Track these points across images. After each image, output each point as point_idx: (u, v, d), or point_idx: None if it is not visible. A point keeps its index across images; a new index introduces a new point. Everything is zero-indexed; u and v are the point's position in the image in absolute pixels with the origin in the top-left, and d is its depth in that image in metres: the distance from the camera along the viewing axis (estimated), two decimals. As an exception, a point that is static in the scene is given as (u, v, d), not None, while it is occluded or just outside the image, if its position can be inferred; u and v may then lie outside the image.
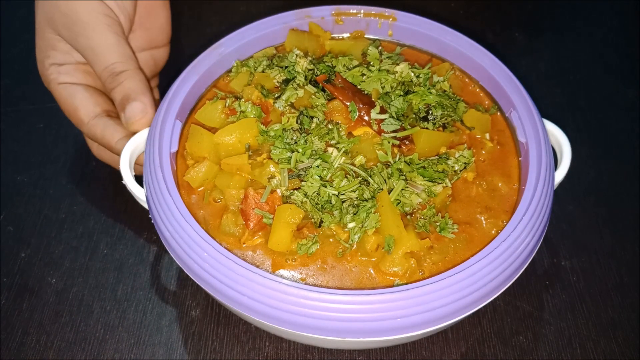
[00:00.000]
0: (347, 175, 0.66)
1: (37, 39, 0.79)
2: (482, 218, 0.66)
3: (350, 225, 0.62)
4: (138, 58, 0.80)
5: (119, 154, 0.71)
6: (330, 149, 0.67)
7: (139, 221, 0.83)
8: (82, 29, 0.74)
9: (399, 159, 0.67)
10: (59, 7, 0.75)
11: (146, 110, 0.73)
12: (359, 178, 0.65)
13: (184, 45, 0.95)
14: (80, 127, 0.78)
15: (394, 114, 0.70)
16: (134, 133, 0.73)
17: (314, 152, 0.66)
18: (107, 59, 0.74)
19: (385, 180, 0.65)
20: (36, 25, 0.79)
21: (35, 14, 0.79)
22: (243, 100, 0.71)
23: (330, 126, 0.69)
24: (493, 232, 0.65)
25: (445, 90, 0.74)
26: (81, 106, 0.76)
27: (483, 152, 0.72)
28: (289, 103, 0.72)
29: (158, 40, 0.86)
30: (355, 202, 0.63)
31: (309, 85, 0.73)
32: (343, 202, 0.64)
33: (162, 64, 0.89)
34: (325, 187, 0.64)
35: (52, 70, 0.77)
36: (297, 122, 0.69)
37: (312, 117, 0.69)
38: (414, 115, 0.71)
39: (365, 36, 0.84)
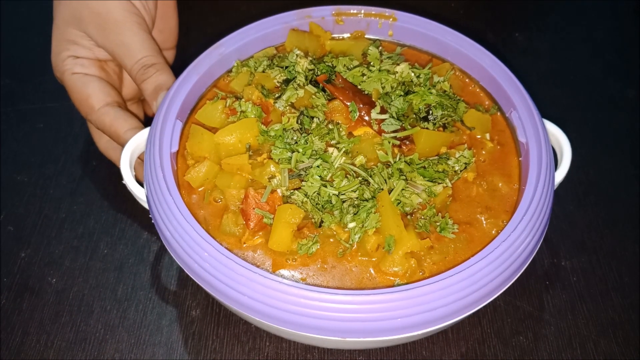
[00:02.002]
0: (348, 175, 0.66)
1: (55, 34, 0.81)
2: (483, 218, 0.66)
3: (351, 225, 0.62)
4: None
5: (124, 145, 0.72)
6: (330, 149, 0.67)
7: (139, 221, 0.83)
8: (114, 26, 0.77)
9: (400, 159, 0.67)
10: (89, 6, 0.78)
11: None
12: (360, 178, 0.65)
13: (185, 45, 0.95)
14: (89, 115, 0.79)
15: (394, 114, 0.70)
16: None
17: (314, 152, 0.66)
18: (139, 53, 0.77)
19: (385, 180, 0.65)
20: (57, 22, 0.81)
21: (55, 12, 0.81)
22: (243, 100, 0.71)
23: (330, 126, 0.69)
24: (493, 232, 0.65)
25: (445, 91, 0.74)
26: (93, 94, 0.78)
27: (483, 152, 0.72)
28: (289, 103, 0.72)
29: (168, 42, 0.90)
30: (356, 202, 0.63)
31: (310, 85, 0.73)
32: (343, 202, 0.64)
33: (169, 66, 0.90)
34: (326, 187, 0.64)
35: (68, 62, 0.79)
36: (297, 122, 0.69)
37: (312, 117, 0.69)
38: (414, 116, 0.71)
39: (366, 36, 0.84)
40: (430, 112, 0.71)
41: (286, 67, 0.75)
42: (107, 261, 0.79)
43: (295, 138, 0.67)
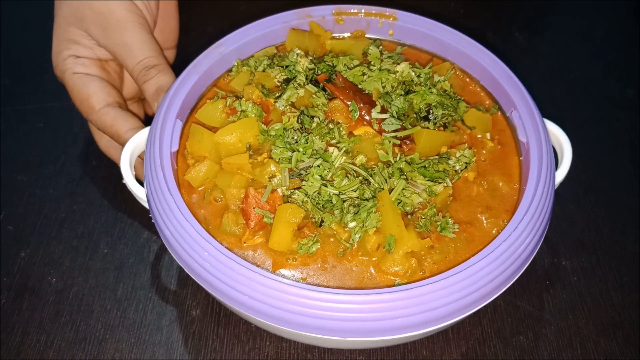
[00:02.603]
0: (348, 175, 0.65)
1: (56, 33, 0.81)
2: (483, 218, 0.66)
3: (351, 224, 0.62)
4: None
5: (124, 145, 0.72)
6: (331, 149, 0.67)
7: (139, 220, 0.83)
8: (116, 26, 0.77)
9: (400, 158, 0.67)
10: (91, 6, 0.78)
11: None
12: (360, 177, 0.65)
13: (185, 45, 0.95)
14: (90, 115, 0.78)
15: (394, 114, 0.70)
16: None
17: (314, 151, 0.66)
18: (141, 54, 0.77)
19: (386, 179, 0.65)
20: (58, 21, 0.81)
21: (56, 11, 0.81)
22: (244, 99, 0.71)
23: (331, 125, 0.69)
24: (494, 231, 0.65)
25: (446, 90, 0.74)
26: (94, 94, 0.78)
27: (484, 151, 0.71)
28: (289, 102, 0.72)
29: (168, 42, 0.90)
30: (356, 202, 0.63)
31: (310, 84, 0.73)
32: (344, 201, 0.64)
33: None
34: (326, 186, 0.64)
35: (69, 61, 0.79)
36: (297, 122, 0.69)
37: (312, 117, 0.69)
38: (414, 115, 0.71)
39: (366, 36, 0.84)
40: (431, 111, 0.71)
41: (286, 67, 0.75)
42: (107, 261, 0.79)
43: (295, 137, 0.67)
